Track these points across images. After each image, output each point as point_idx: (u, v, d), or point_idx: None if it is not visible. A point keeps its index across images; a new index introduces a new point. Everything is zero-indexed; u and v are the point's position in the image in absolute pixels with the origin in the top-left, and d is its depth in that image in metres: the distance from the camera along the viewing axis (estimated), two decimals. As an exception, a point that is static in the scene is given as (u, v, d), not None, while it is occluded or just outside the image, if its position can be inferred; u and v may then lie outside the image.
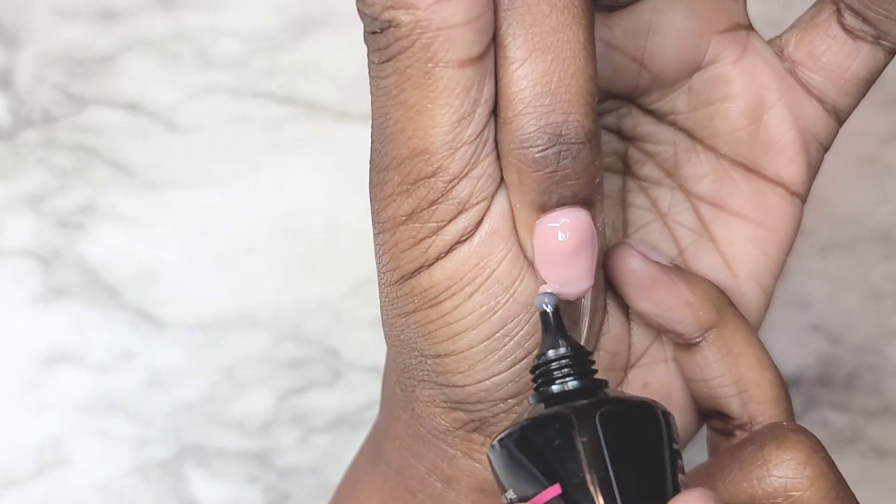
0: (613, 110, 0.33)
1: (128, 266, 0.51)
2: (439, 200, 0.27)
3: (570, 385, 0.27)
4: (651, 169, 0.34)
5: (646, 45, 0.31)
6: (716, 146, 0.33)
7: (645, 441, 0.26)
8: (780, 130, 0.33)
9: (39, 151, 0.52)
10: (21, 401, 0.51)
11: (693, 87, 0.33)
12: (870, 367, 0.53)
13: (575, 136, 0.26)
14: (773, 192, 0.33)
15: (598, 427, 0.25)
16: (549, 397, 0.27)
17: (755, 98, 0.33)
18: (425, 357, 0.29)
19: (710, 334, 0.32)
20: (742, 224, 0.33)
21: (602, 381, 0.27)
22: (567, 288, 0.28)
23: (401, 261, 0.28)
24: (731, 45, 0.32)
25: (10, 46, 0.52)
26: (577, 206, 0.27)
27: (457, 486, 0.32)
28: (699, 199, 0.34)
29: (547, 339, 0.27)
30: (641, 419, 0.26)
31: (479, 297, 0.28)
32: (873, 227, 0.53)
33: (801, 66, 0.33)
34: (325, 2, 0.53)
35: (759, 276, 0.34)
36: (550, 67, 0.26)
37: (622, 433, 0.25)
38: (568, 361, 0.27)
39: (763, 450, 0.28)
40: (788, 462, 0.28)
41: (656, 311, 0.31)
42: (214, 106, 0.52)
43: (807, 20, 0.33)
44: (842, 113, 0.33)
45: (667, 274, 0.31)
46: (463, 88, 0.26)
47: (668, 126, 0.33)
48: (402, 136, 0.26)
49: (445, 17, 0.25)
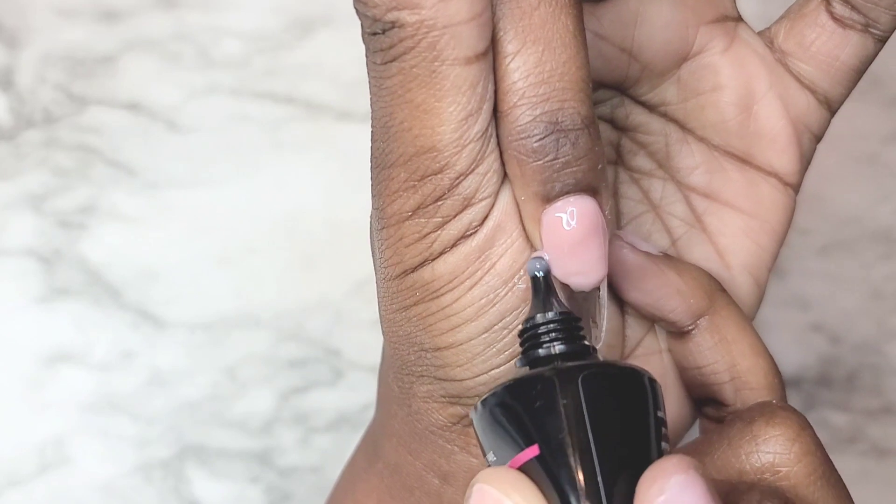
0: (606, 100, 0.33)
1: (129, 266, 0.51)
2: (445, 196, 0.27)
3: (557, 349, 0.27)
4: (643, 160, 0.34)
5: (634, 34, 0.32)
6: (707, 136, 0.33)
7: (628, 406, 0.25)
8: (772, 120, 0.33)
9: (41, 151, 0.52)
10: (23, 400, 0.51)
11: (682, 77, 0.33)
12: (870, 366, 0.53)
13: (572, 123, 0.26)
14: (766, 183, 0.33)
15: (580, 389, 0.25)
16: (534, 360, 0.27)
17: (745, 88, 0.33)
18: (424, 351, 0.29)
19: (702, 321, 0.32)
20: (734, 215, 0.33)
21: (590, 346, 0.27)
22: (581, 278, 0.27)
23: (404, 255, 0.28)
24: (718, 35, 0.32)
25: (11, 46, 0.52)
26: (582, 193, 0.27)
27: (454, 483, 0.32)
28: (691, 190, 0.34)
29: (536, 304, 0.27)
30: (626, 384, 0.25)
31: (478, 289, 0.28)
32: (873, 226, 0.53)
33: (791, 56, 0.33)
34: (326, 2, 0.53)
35: (751, 266, 0.34)
36: (542, 57, 0.26)
37: (605, 397, 0.25)
38: (556, 325, 0.27)
39: (752, 426, 0.28)
40: (777, 438, 0.28)
41: (647, 300, 0.32)
42: (216, 106, 0.52)
43: (795, 10, 0.33)
44: (833, 103, 0.33)
45: (656, 263, 0.32)
46: (470, 85, 0.26)
47: (659, 117, 0.34)
48: (408, 134, 0.26)
49: (451, 15, 0.25)
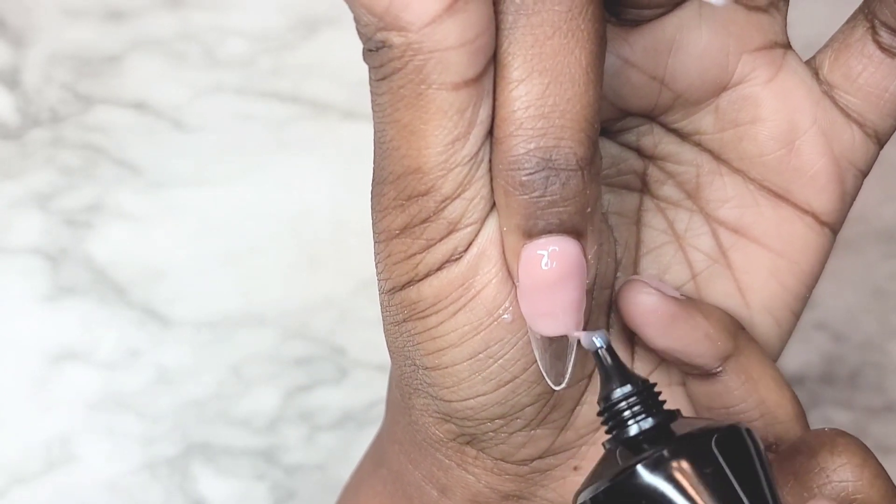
0: (633, 128, 0.32)
1: (135, 264, 0.51)
2: (431, 219, 0.26)
3: (644, 424, 0.26)
4: (671, 189, 0.32)
5: (668, 62, 0.30)
6: (743, 169, 0.32)
7: (753, 460, 0.25)
8: (813, 157, 0.31)
9: (47, 150, 0.52)
10: (29, 398, 0.51)
11: (720, 107, 0.31)
12: (873, 364, 0.53)
13: (565, 163, 0.25)
14: (801, 221, 0.32)
15: (716, 455, 0.24)
16: (627, 440, 0.26)
17: (787, 122, 0.31)
18: (417, 367, 0.29)
19: (728, 363, 0.31)
20: (762, 252, 0.32)
21: (675, 410, 0.26)
22: (549, 320, 0.26)
23: (392, 272, 0.27)
24: (763, 65, 0.31)
25: (17, 46, 0.52)
26: (566, 235, 0.26)
27: (452, 496, 0.32)
28: (719, 224, 0.32)
29: (608, 379, 0.26)
30: (741, 440, 0.25)
31: (462, 316, 0.27)
32: (877, 225, 0.53)
33: (838, 88, 0.31)
34: (332, 2, 0.53)
35: (773, 307, 0.32)
36: (546, 90, 0.25)
37: (737, 457, 0.25)
38: (636, 399, 0.26)
39: (817, 457, 0.28)
40: (845, 466, 0.28)
41: (677, 346, 0.30)
42: (221, 105, 0.52)
43: (840, 40, 0.31)
44: (883, 136, 0.32)
45: (685, 309, 0.30)
46: (457, 111, 0.25)
47: (692, 146, 0.32)
48: (396, 153, 0.26)
49: (438, 40, 0.24)
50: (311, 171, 0.52)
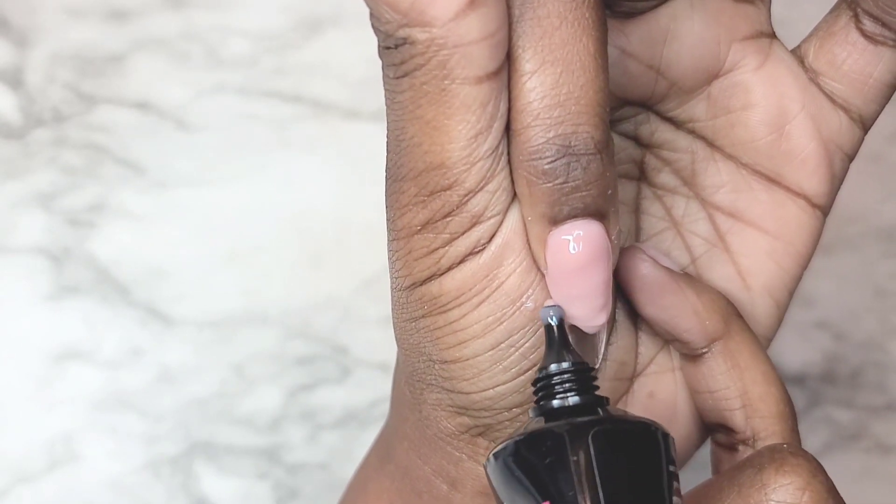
0: (630, 117, 0.33)
1: (138, 264, 0.52)
2: (454, 213, 0.27)
3: (571, 401, 0.26)
4: (667, 176, 0.33)
5: (662, 52, 0.31)
6: (736, 155, 0.33)
7: (640, 462, 0.25)
8: (803, 141, 0.32)
9: (50, 150, 0.52)
10: (32, 398, 0.51)
11: (712, 94, 0.32)
12: (874, 363, 0.54)
13: (584, 147, 0.26)
14: (794, 204, 0.33)
15: (590, 446, 0.25)
16: (548, 412, 0.26)
17: (777, 107, 0.32)
18: (433, 362, 0.29)
19: (716, 345, 0.31)
20: (759, 235, 0.33)
21: (603, 398, 0.27)
22: (582, 303, 0.27)
23: (413, 268, 0.28)
24: (752, 53, 0.32)
25: (21, 46, 0.52)
26: (590, 218, 0.27)
27: (462, 489, 0.32)
28: (715, 209, 0.33)
29: (550, 353, 0.27)
30: (637, 440, 0.25)
31: (486, 307, 0.28)
32: (878, 224, 0.54)
33: (823, 75, 0.32)
34: (334, 1, 0.53)
35: (772, 289, 0.33)
36: (560, 79, 0.26)
37: (616, 453, 0.25)
38: (570, 376, 0.26)
39: (761, 473, 0.28)
40: (786, 487, 0.28)
41: (663, 316, 0.31)
42: (224, 105, 0.52)
43: (824, 28, 0.32)
44: (867, 120, 0.32)
45: (675, 280, 0.31)
46: (480, 104, 0.25)
47: (687, 134, 0.33)
48: (418, 149, 0.26)
49: (462, 35, 0.25)
50: (314, 170, 0.52)
